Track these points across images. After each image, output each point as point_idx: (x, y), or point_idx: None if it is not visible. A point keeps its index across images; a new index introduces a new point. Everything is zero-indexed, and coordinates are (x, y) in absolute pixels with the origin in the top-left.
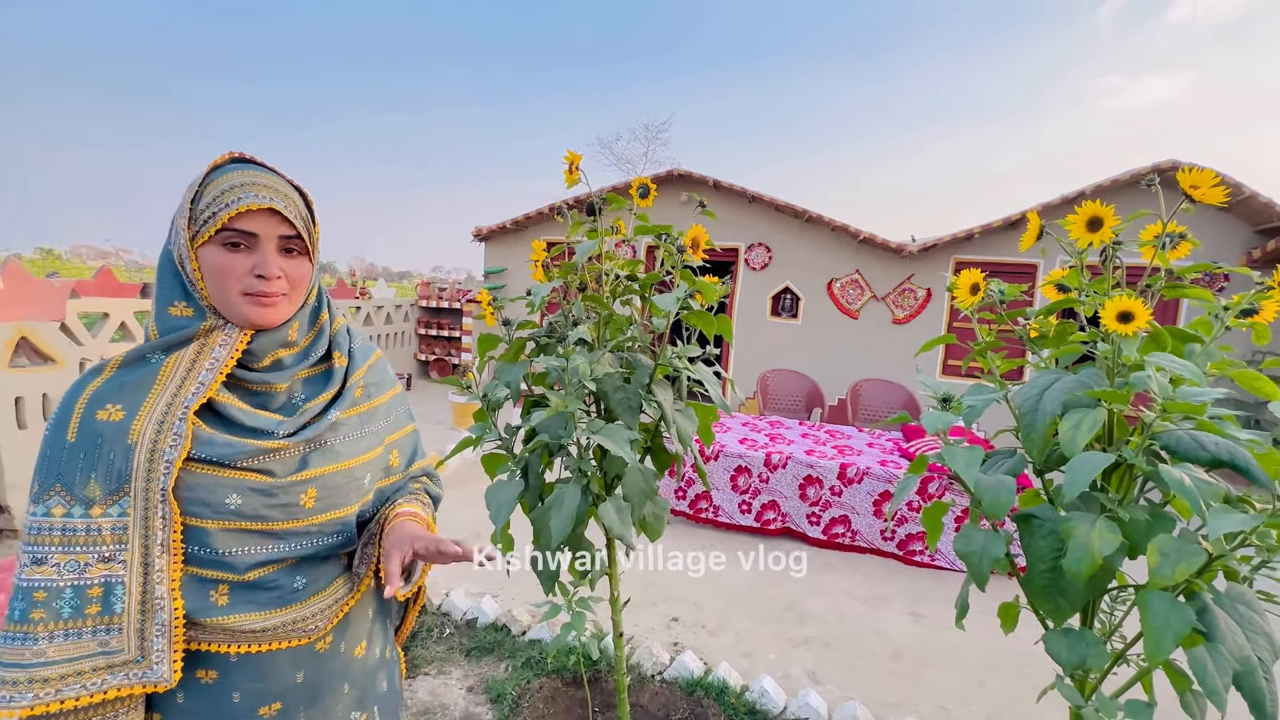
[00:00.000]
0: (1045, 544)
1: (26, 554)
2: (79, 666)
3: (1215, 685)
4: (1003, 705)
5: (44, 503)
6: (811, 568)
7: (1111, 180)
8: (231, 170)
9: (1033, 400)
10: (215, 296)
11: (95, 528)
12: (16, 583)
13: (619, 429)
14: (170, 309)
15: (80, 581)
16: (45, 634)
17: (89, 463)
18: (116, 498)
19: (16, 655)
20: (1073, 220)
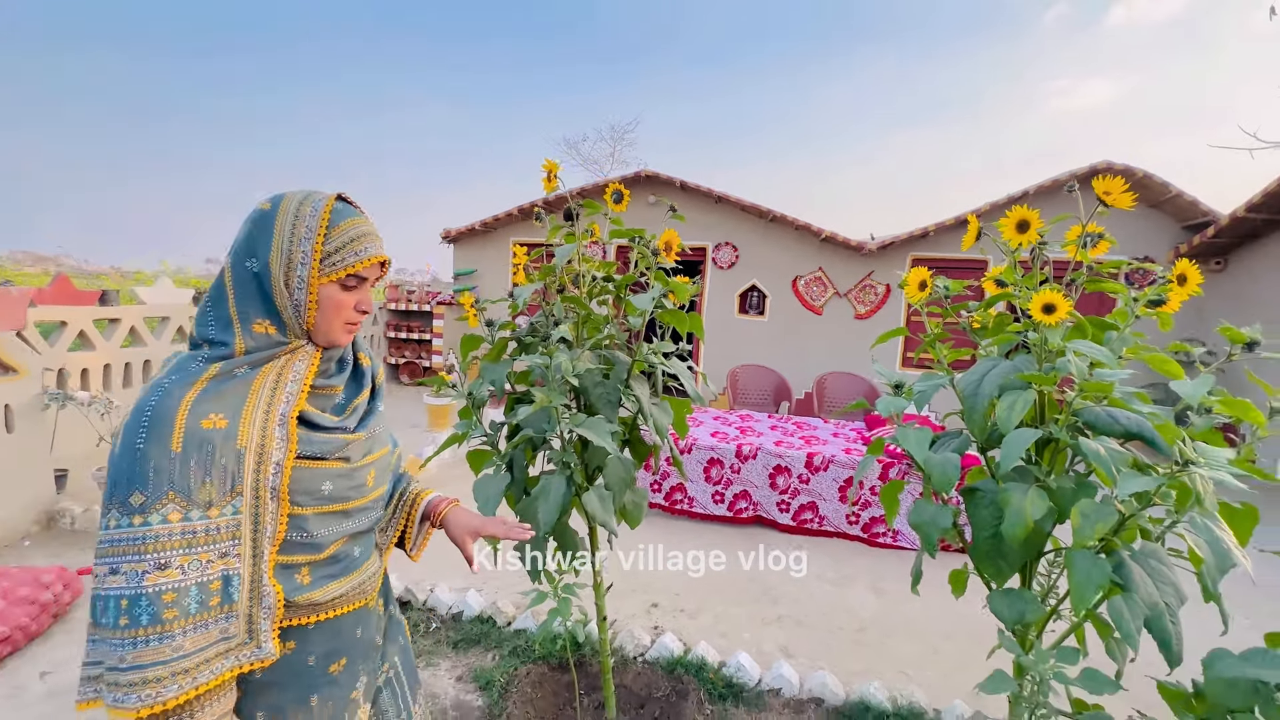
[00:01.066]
0: (987, 513)
1: (147, 561)
2: (206, 655)
3: (1129, 629)
4: (956, 668)
5: (158, 511)
6: (782, 551)
7: (1052, 181)
8: (347, 215)
9: (973, 385)
10: (320, 324)
11: (215, 528)
12: (135, 591)
13: (600, 422)
14: (254, 327)
15: (203, 578)
16: (180, 630)
17: (202, 469)
18: (230, 498)
19: (157, 654)
20: (1004, 223)
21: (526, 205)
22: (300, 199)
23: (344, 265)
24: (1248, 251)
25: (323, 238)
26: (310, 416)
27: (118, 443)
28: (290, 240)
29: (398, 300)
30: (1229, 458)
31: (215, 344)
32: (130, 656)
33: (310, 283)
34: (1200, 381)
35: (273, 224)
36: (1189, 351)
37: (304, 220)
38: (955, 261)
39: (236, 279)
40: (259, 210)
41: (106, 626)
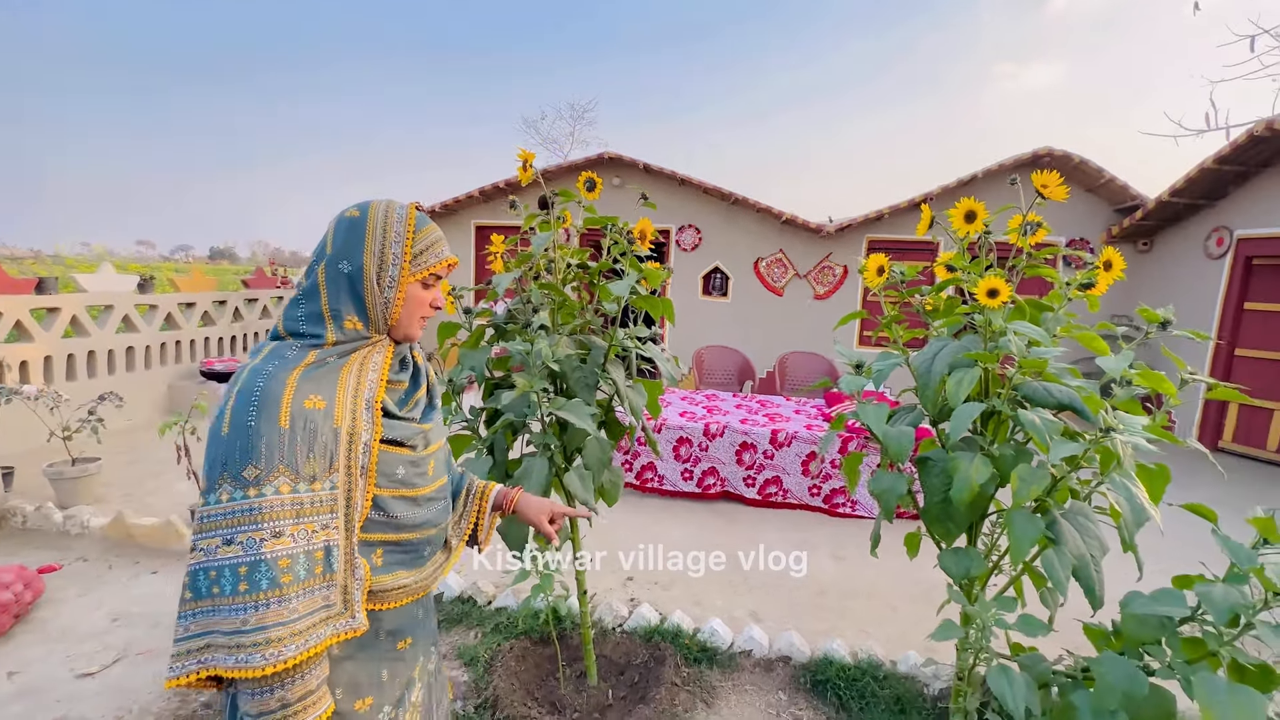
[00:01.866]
0: (938, 480)
1: (265, 529)
2: (313, 620)
3: (1060, 578)
4: (911, 624)
5: (271, 483)
6: (748, 524)
7: (998, 165)
8: (425, 222)
9: (926, 363)
10: (401, 319)
11: (318, 499)
12: (255, 557)
13: (580, 405)
14: (345, 323)
15: (310, 547)
16: (295, 594)
17: (307, 444)
18: (330, 473)
19: (278, 615)
20: (954, 213)
21: (488, 187)
22: (385, 206)
23: (427, 265)
24: (1171, 234)
25: (411, 240)
26: (387, 405)
27: (223, 422)
28: (383, 243)
29: None
30: (1145, 424)
31: (307, 336)
32: (254, 619)
33: (400, 281)
34: (1122, 357)
35: (364, 229)
36: (1113, 330)
37: (393, 225)
38: (909, 243)
39: (330, 279)
40: (349, 218)
41: (222, 595)
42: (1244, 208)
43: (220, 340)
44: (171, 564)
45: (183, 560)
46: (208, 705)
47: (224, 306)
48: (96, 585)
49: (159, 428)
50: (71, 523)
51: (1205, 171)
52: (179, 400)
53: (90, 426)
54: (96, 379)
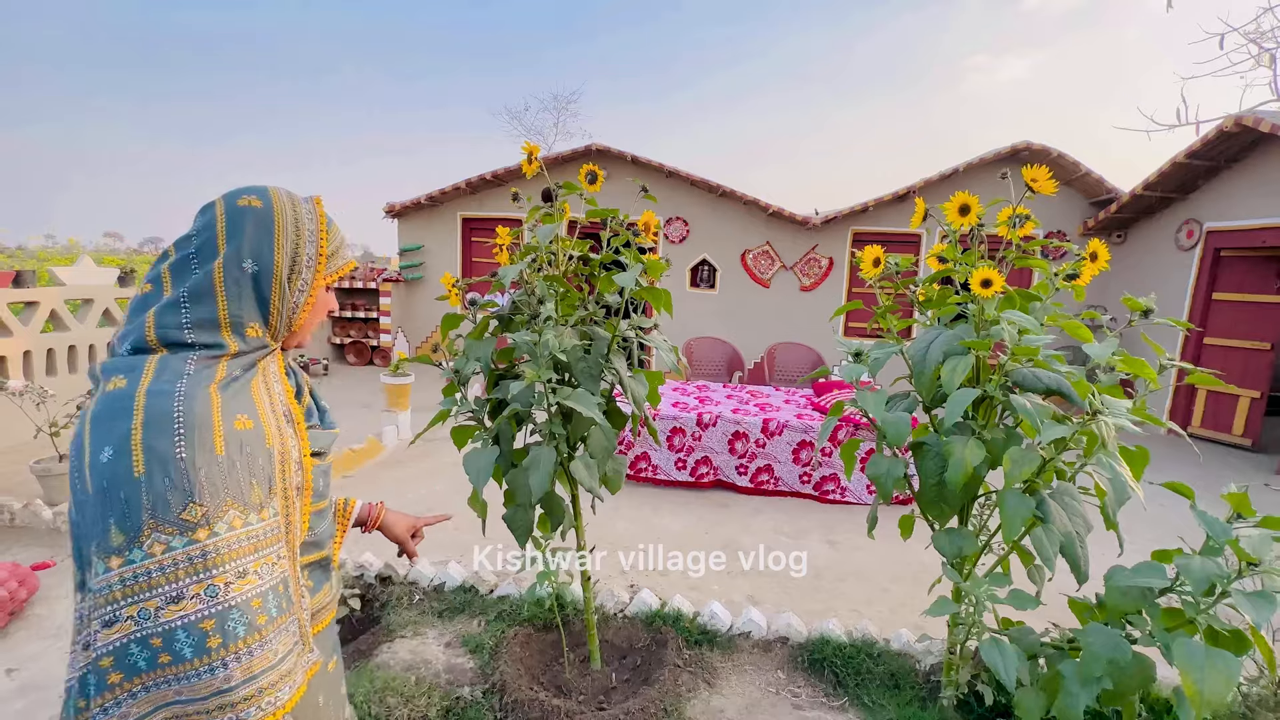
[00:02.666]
0: (932, 464)
1: (227, 571)
2: (292, 657)
3: (1048, 554)
4: (902, 604)
5: (222, 519)
6: (742, 512)
7: (980, 159)
8: (329, 218)
9: (921, 352)
10: (305, 325)
11: (269, 529)
12: (223, 606)
13: (586, 394)
14: (248, 330)
15: (274, 581)
16: (273, 633)
17: (246, 471)
18: (270, 499)
19: (264, 661)
20: (948, 207)
21: (475, 179)
22: (289, 198)
23: (337, 267)
24: (1144, 226)
25: (325, 239)
26: (296, 415)
27: (131, 460)
28: (296, 241)
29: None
30: (1128, 407)
31: (199, 346)
32: (239, 672)
33: (313, 284)
34: (1106, 344)
35: (273, 224)
36: (1097, 319)
37: (305, 221)
38: (894, 235)
39: (230, 280)
40: (249, 208)
41: (182, 661)
42: (1213, 201)
43: None
44: None
45: None
46: None
47: None
48: None
49: None
50: (61, 519)
51: (1177, 166)
52: None
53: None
54: (78, 374)
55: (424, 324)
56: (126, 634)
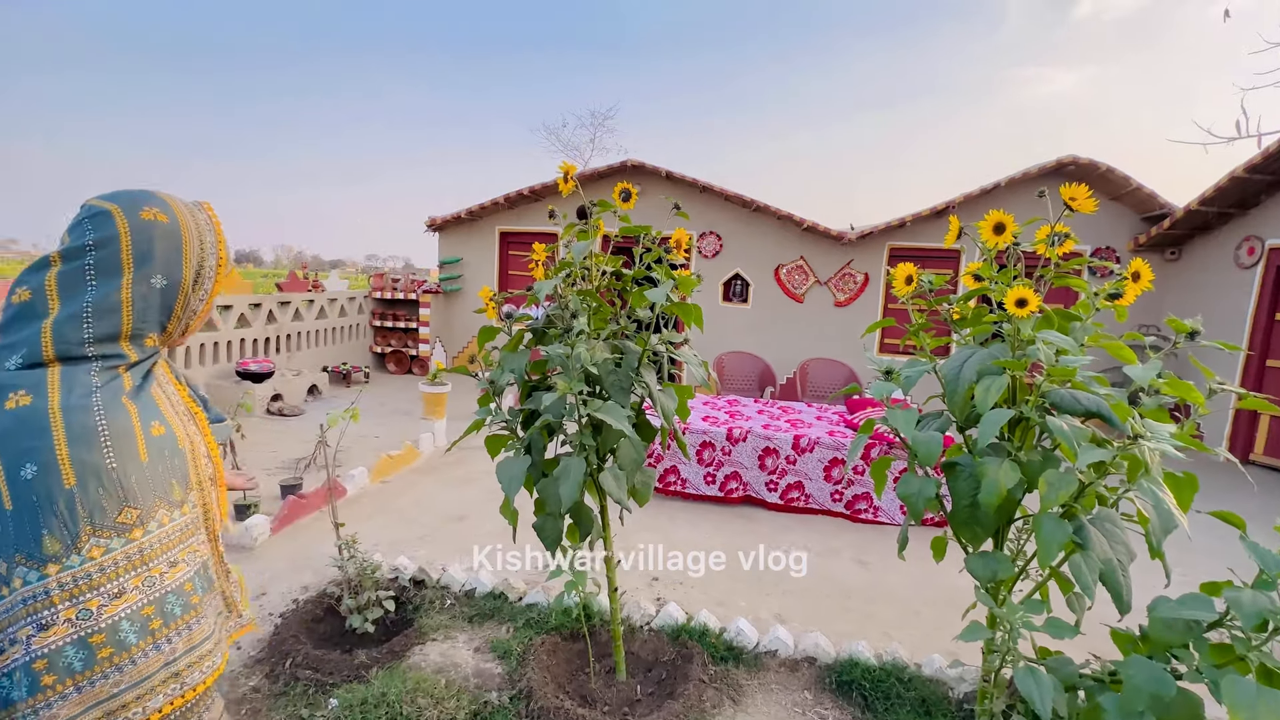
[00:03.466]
0: (965, 485)
1: (161, 562)
2: (219, 630)
3: (1087, 581)
4: (935, 628)
5: (153, 517)
6: (770, 529)
7: (1022, 173)
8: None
9: (954, 370)
10: (192, 329)
11: (189, 521)
12: (160, 592)
13: (616, 407)
14: (146, 340)
15: (198, 563)
16: (208, 608)
17: (167, 472)
18: (187, 494)
19: (202, 632)
20: (983, 225)
21: (513, 194)
22: (188, 208)
23: (226, 272)
24: (1201, 243)
25: (222, 248)
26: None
27: (61, 473)
28: (201, 253)
29: (383, 289)
30: (1173, 432)
31: (98, 359)
32: (181, 644)
33: (212, 293)
34: (1149, 366)
35: (180, 238)
36: (1141, 340)
37: (205, 233)
38: (932, 251)
39: (137, 295)
40: (155, 222)
41: (125, 648)
42: (1276, 217)
43: (255, 341)
44: None
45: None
46: (256, 690)
47: (259, 309)
48: None
49: None
50: None
51: (1236, 180)
52: (217, 398)
53: None
54: None
55: (461, 335)
56: (63, 636)
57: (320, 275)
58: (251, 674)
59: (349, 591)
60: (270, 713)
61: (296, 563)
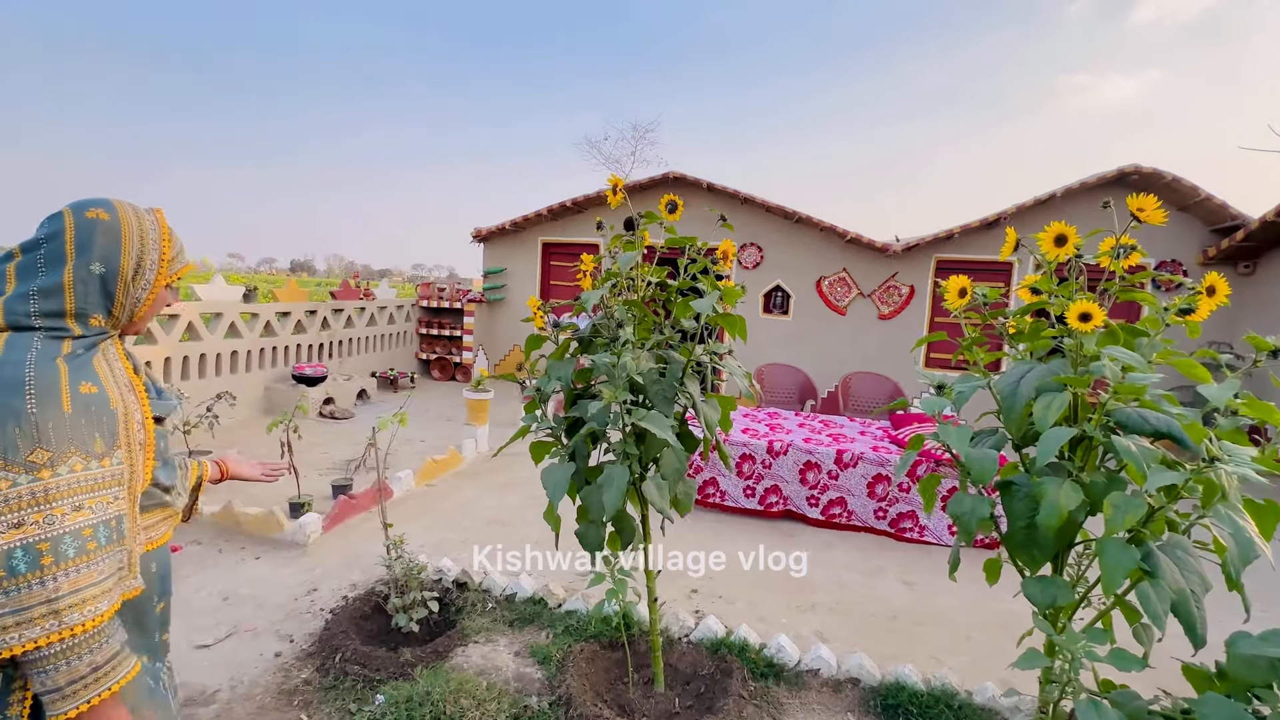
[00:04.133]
0: (1022, 505)
1: (65, 504)
2: (114, 579)
3: (1156, 611)
4: (986, 655)
5: (65, 462)
6: (811, 545)
7: (1081, 183)
8: (171, 230)
9: (1011, 386)
10: (144, 318)
11: (109, 474)
12: (58, 531)
13: (660, 416)
14: (91, 320)
15: (106, 516)
16: (101, 558)
17: (90, 426)
18: (113, 451)
19: (89, 578)
20: (1043, 237)
21: (556, 206)
22: (133, 209)
23: (176, 269)
24: (1278, 256)
25: (167, 245)
26: (136, 385)
27: None
28: (140, 247)
29: (429, 298)
30: (1254, 456)
31: (44, 330)
32: (67, 585)
33: (155, 283)
34: (1227, 385)
35: (120, 233)
36: (1216, 358)
37: (148, 231)
38: (982, 264)
39: (79, 280)
40: (97, 220)
41: (17, 575)
42: None
43: (310, 347)
44: (272, 551)
45: (286, 549)
46: (308, 682)
47: (314, 316)
48: (208, 566)
49: (268, 425)
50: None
51: None
52: (274, 400)
53: (207, 422)
54: (205, 379)
55: (503, 343)
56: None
57: (371, 284)
58: (303, 666)
59: (396, 591)
60: (321, 705)
61: (346, 560)
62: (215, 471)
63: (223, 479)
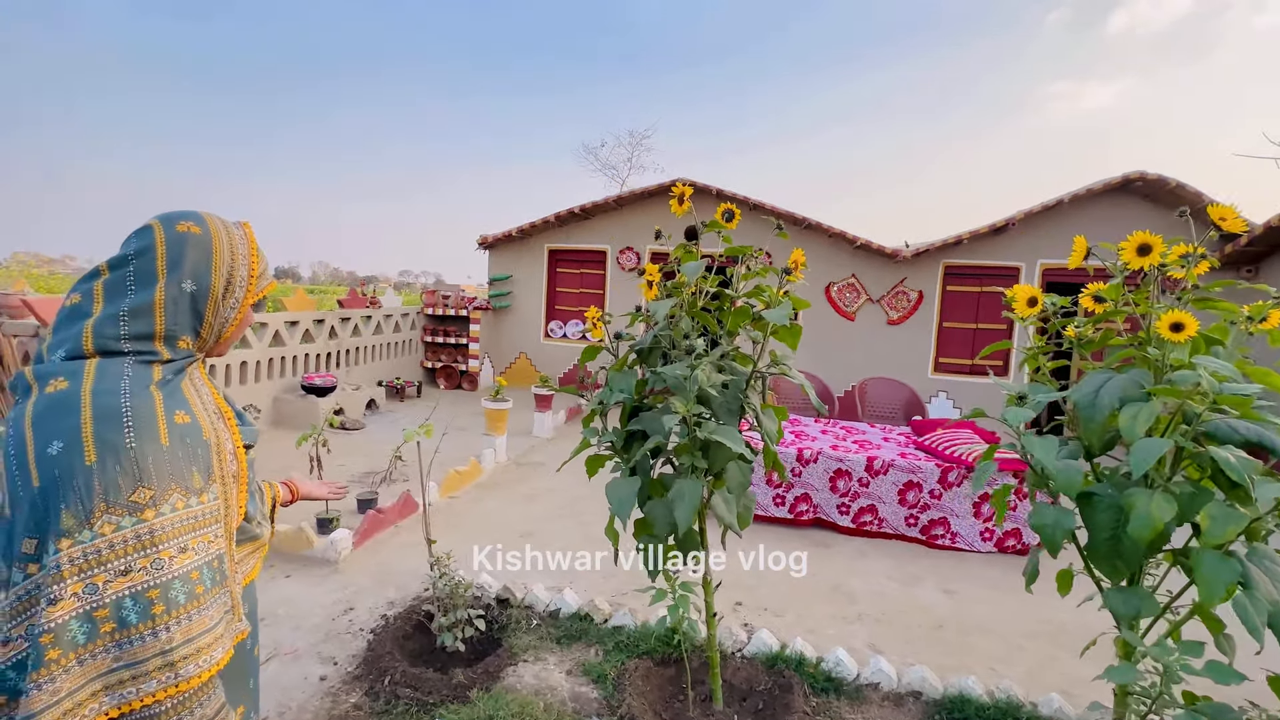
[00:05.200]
0: (1105, 516)
1: (171, 546)
2: (224, 624)
3: (1255, 623)
4: (1042, 665)
5: (167, 500)
6: (846, 554)
7: (1087, 189)
8: (258, 244)
9: (1089, 396)
10: (229, 339)
11: (208, 511)
12: (167, 577)
13: (731, 429)
14: (179, 343)
15: (209, 556)
16: (210, 602)
17: (188, 459)
18: (209, 485)
19: (201, 624)
20: (1125, 246)
21: (563, 212)
22: (223, 223)
23: (263, 287)
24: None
25: (255, 261)
26: (225, 413)
27: (82, 450)
28: (231, 262)
29: (435, 305)
30: None
31: (132, 354)
32: (180, 634)
33: (244, 301)
34: None
35: (211, 247)
36: None
37: (238, 245)
38: (990, 269)
39: (170, 299)
40: (189, 234)
41: (128, 626)
42: None
43: (318, 356)
44: (303, 568)
45: (317, 566)
46: (358, 707)
47: (321, 325)
48: None
49: (297, 439)
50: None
51: None
52: (284, 412)
53: None
54: (284, 378)
55: (508, 350)
56: (69, 611)
57: (377, 292)
58: (351, 690)
59: (440, 609)
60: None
61: (380, 578)
62: (286, 493)
63: (293, 500)
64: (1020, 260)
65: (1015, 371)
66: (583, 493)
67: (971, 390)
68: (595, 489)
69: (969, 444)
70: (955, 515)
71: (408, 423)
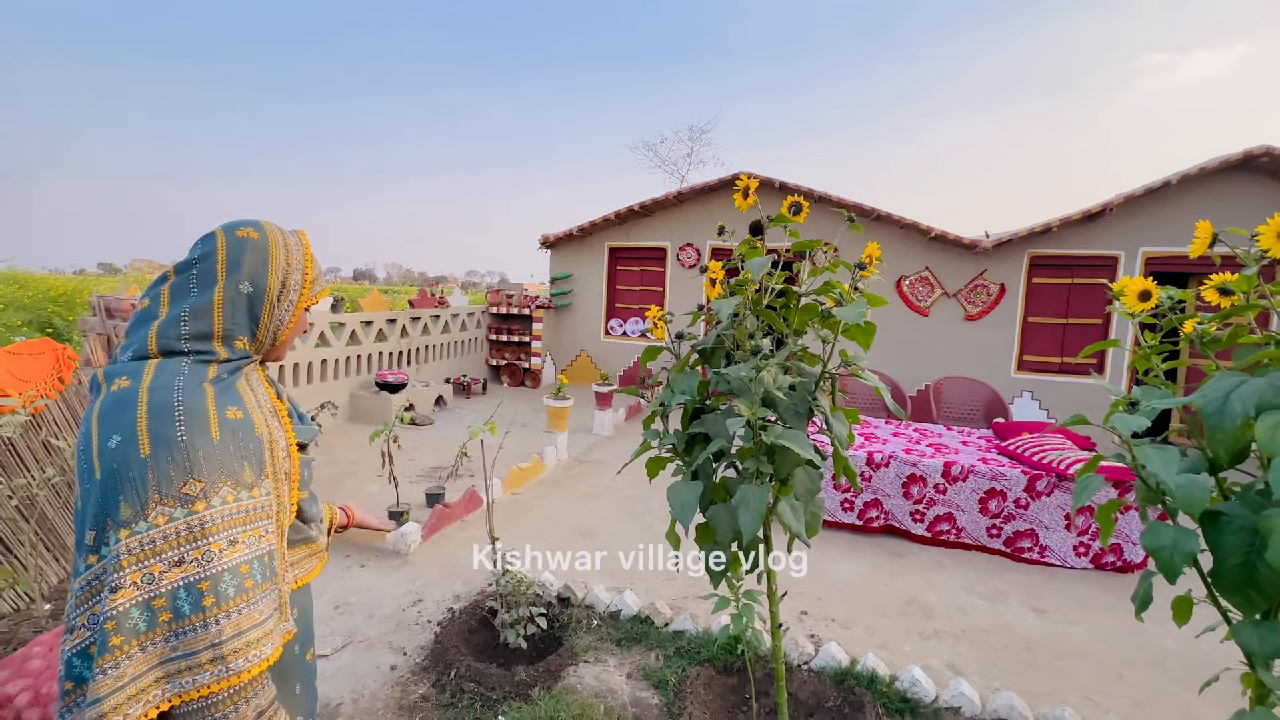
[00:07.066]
0: (1235, 540)
1: (221, 539)
2: (274, 619)
3: None
4: (1149, 697)
5: (217, 493)
6: (921, 564)
7: (1200, 169)
8: (310, 250)
9: (1217, 402)
10: (285, 341)
11: (259, 506)
12: (217, 569)
13: (799, 433)
14: (236, 343)
15: (259, 551)
16: (259, 596)
17: (239, 454)
18: (261, 481)
19: (250, 619)
20: (1264, 230)
21: (623, 210)
22: (280, 230)
23: (317, 292)
24: None
25: (310, 265)
26: (279, 410)
27: (137, 443)
28: (286, 266)
29: (499, 304)
30: None
31: (192, 354)
32: (229, 627)
33: (298, 304)
34: None
35: (268, 252)
36: None
37: (293, 251)
38: (1081, 259)
39: (228, 300)
40: (248, 239)
41: (182, 617)
42: None
43: (391, 355)
44: (376, 559)
45: (389, 557)
46: (425, 698)
47: (394, 324)
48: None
49: (369, 435)
50: None
51: None
52: (360, 408)
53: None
54: (299, 388)
55: (570, 348)
56: (130, 599)
57: (445, 292)
58: (419, 681)
59: (503, 605)
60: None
61: (447, 571)
62: (343, 517)
63: (349, 525)
64: (1119, 249)
65: (1111, 370)
66: (642, 491)
67: (1060, 390)
68: (656, 488)
69: (1060, 450)
70: (1044, 527)
71: (473, 419)
